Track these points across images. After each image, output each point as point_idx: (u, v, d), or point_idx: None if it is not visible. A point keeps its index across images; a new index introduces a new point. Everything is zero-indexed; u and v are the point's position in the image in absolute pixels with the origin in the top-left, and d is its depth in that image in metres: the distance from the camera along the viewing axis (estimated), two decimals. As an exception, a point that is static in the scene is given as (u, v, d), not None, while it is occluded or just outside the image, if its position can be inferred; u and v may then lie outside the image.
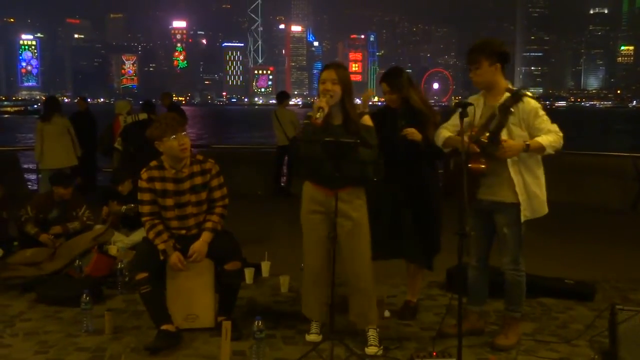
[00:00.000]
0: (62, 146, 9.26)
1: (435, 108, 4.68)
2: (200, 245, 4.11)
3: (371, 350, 3.85)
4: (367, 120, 3.89)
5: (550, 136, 3.69)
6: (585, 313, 4.64)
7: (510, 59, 3.87)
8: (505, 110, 3.66)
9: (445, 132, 3.97)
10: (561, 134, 3.73)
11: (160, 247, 4.07)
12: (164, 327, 3.98)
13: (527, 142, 3.66)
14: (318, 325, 4.08)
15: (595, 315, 4.39)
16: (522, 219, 3.80)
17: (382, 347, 3.88)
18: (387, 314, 4.50)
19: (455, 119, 3.90)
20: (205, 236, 4.14)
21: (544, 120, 3.73)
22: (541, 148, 3.67)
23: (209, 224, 4.17)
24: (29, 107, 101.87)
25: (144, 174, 4.15)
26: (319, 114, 3.65)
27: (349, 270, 3.94)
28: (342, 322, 4.10)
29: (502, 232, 3.88)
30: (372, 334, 3.92)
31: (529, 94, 3.77)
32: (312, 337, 4.02)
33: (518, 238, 3.88)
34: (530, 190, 3.78)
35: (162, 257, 4.07)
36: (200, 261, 4.13)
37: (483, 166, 3.70)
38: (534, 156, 3.78)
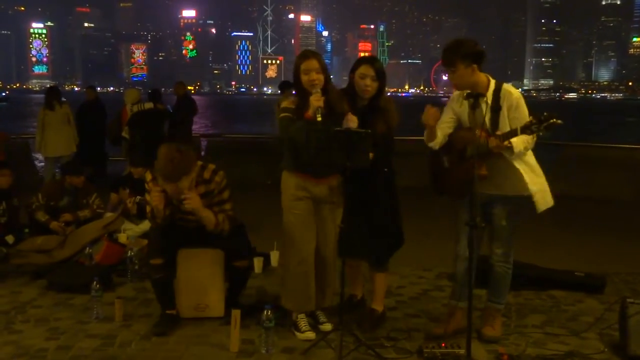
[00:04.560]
0: (62, 135, 9.43)
1: (445, 99, 4.57)
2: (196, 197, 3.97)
3: (326, 327, 4.00)
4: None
5: (521, 141, 3.57)
6: (595, 306, 4.62)
7: (485, 57, 3.69)
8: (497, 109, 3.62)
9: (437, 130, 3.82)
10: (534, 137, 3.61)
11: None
12: (168, 311, 4.12)
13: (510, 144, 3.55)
14: (305, 318, 4.02)
15: (605, 308, 4.37)
16: (537, 210, 3.72)
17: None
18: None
19: (447, 115, 3.84)
20: (205, 210, 4.01)
21: (523, 112, 3.63)
22: (511, 150, 3.58)
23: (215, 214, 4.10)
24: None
25: (148, 175, 4.11)
26: (319, 116, 3.64)
27: None
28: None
29: (500, 224, 3.83)
30: (320, 313, 4.12)
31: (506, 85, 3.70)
32: (308, 335, 3.92)
33: (513, 231, 3.88)
34: (537, 182, 3.74)
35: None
36: (191, 204, 3.95)
37: (485, 172, 3.63)
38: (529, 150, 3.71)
